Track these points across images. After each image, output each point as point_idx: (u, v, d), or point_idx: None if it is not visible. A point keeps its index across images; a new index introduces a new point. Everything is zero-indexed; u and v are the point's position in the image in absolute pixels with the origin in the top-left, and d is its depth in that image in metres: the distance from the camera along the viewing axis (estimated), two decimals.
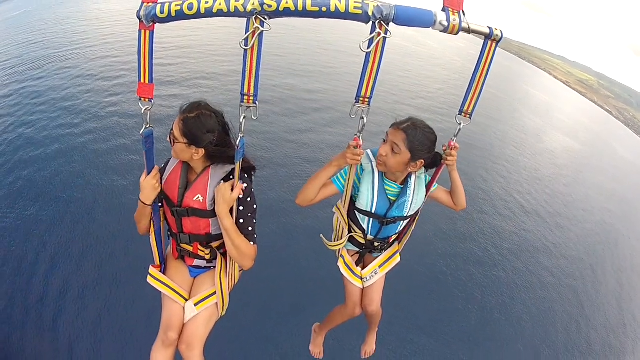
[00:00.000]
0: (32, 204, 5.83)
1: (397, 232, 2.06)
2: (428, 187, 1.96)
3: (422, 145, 1.73)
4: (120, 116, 8.48)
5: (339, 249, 2.14)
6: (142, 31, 1.30)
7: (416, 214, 2.02)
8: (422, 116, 1.98)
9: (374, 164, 1.87)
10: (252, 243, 1.68)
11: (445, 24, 1.32)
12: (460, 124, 1.64)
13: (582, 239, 9.38)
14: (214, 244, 1.81)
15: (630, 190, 15.41)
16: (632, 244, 10.70)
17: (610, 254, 9.37)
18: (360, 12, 1.20)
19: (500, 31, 1.54)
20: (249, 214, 1.68)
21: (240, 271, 1.94)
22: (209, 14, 1.22)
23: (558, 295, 7.06)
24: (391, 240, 2.14)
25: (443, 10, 1.33)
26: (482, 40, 1.52)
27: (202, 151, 1.60)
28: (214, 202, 1.63)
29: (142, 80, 1.36)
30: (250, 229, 1.69)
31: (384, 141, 1.79)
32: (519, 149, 13.99)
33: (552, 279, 7.39)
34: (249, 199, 1.67)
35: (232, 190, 1.56)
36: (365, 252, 2.17)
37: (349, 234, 2.04)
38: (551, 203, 10.47)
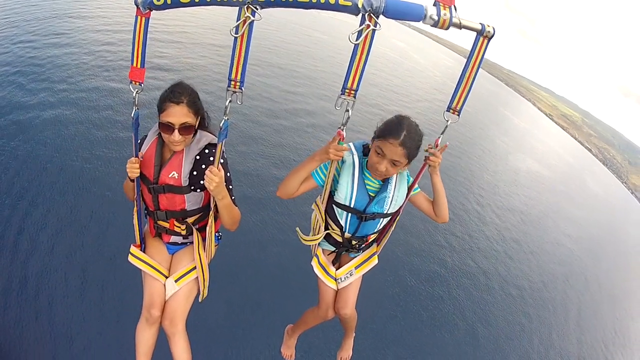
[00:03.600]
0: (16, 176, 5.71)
1: (376, 230, 1.97)
2: (410, 187, 1.89)
3: (417, 148, 1.70)
4: (114, 92, 8.47)
5: (314, 246, 2.06)
6: (139, 17, 1.35)
7: (396, 213, 1.92)
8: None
9: (355, 156, 1.82)
10: (237, 208, 1.84)
11: (436, 18, 1.33)
12: (448, 120, 1.60)
13: (544, 268, 9.64)
14: (190, 220, 1.88)
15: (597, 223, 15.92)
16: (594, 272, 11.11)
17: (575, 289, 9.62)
18: (350, 3, 1.22)
19: (493, 28, 1.54)
20: (231, 183, 1.83)
21: (216, 245, 2.02)
22: (203, 2, 1.26)
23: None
24: (370, 240, 2.03)
25: (434, 5, 1.35)
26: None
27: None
28: (189, 178, 1.76)
29: (135, 65, 1.43)
30: (233, 197, 1.81)
31: (378, 154, 1.69)
32: (493, 175, 14.23)
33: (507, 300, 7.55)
34: (228, 174, 1.79)
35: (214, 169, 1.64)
36: (342, 251, 2.06)
37: (325, 230, 1.95)
38: (516, 227, 10.86)
